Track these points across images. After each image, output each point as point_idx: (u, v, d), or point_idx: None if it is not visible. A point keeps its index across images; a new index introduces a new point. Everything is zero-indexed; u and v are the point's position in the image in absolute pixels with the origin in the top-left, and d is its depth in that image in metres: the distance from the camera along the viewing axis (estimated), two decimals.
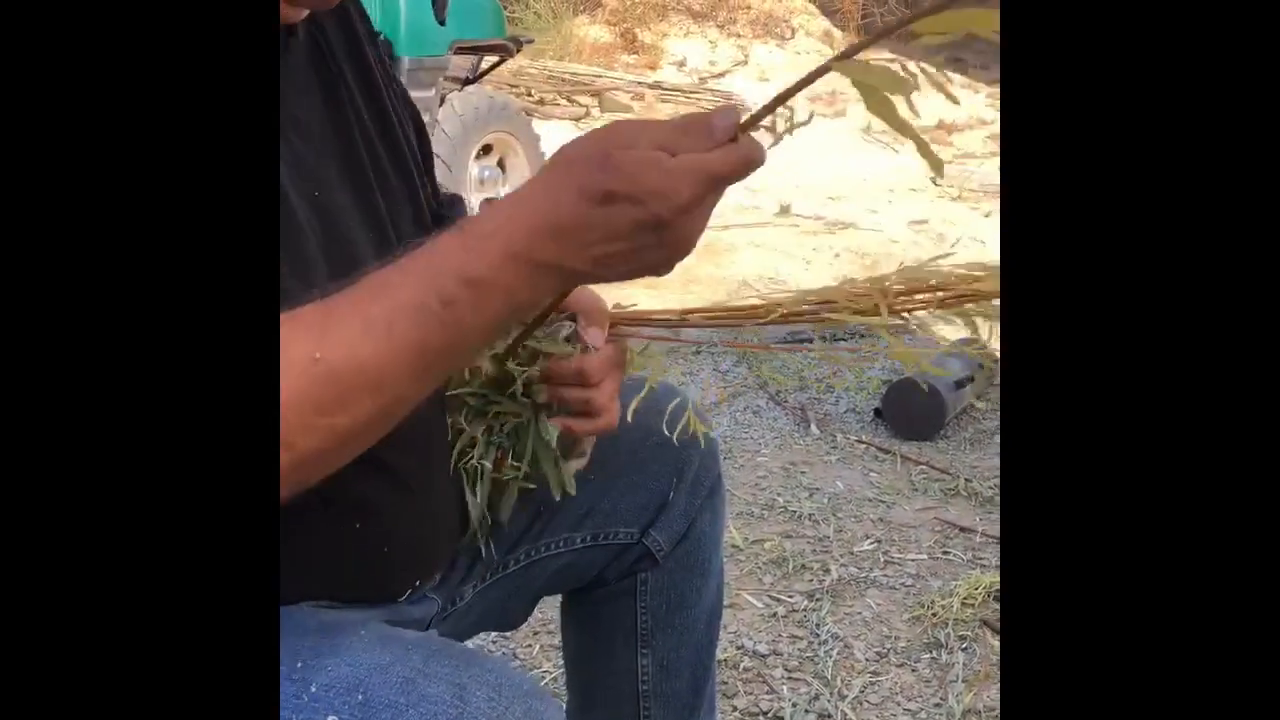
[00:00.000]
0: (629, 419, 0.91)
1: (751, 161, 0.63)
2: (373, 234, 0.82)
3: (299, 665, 0.69)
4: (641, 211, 0.61)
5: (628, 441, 1.02)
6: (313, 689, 0.67)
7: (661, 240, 0.62)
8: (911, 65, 0.62)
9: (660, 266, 0.65)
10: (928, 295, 0.85)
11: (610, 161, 0.61)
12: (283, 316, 0.59)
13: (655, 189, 0.60)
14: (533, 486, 0.94)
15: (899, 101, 0.62)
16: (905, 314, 0.86)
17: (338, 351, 0.59)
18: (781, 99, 0.66)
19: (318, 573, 0.79)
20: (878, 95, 0.62)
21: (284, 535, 0.60)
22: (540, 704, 0.68)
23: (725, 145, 0.62)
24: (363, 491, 0.80)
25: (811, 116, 0.71)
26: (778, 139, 0.67)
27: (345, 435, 0.62)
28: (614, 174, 0.60)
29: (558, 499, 0.94)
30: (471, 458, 0.91)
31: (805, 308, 0.87)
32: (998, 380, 2.55)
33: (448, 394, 0.89)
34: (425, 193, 0.95)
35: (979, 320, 0.85)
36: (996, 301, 0.84)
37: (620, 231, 0.61)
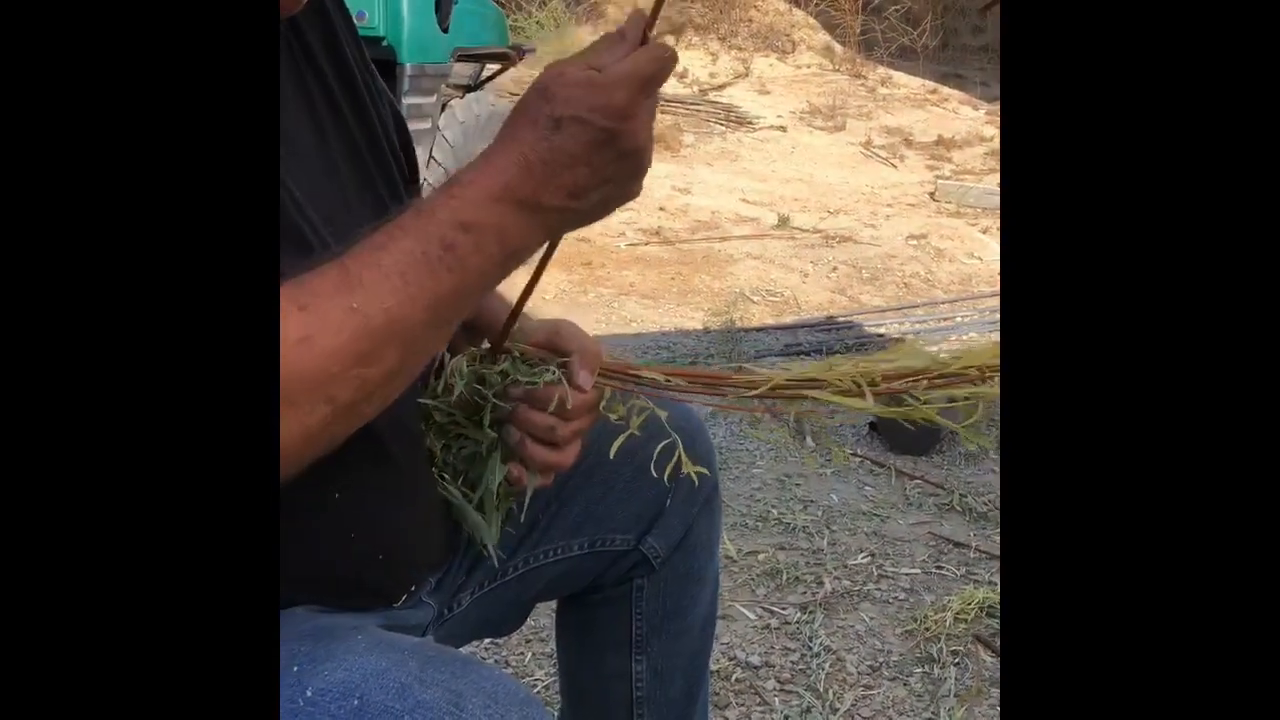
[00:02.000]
0: (611, 456, 0.91)
1: (664, 58, 0.68)
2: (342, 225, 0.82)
3: (295, 669, 0.68)
4: (589, 129, 0.66)
5: (625, 449, 1.02)
6: (308, 693, 0.67)
7: (618, 151, 0.67)
8: None
9: (627, 182, 0.69)
10: (916, 379, 0.86)
11: (548, 92, 0.67)
12: (306, 276, 0.62)
13: (593, 104, 0.66)
14: (478, 515, 0.93)
15: None
16: (891, 393, 0.87)
17: (370, 304, 0.63)
18: None
19: (314, 579, 0.79)
20: None
21: (280, 543, 0.60)
22: (536, 712, 0.68)
23: (639, 49, 0.68)
24: (358, 497, 0.80)
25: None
26: (679, 34, 0.72)
27: (374, 387, 0.65)
28: (554, 101, 0.66)
29: (485, 542, 0.94)
30: (434, 470, 0.92)
31: (790, 382, 0.89)
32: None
33: (418, 400, 0.89)
34: (409, 194, 0.94)
35: (974, 399, 0.86)
36: (987, 385, 0.85)
37: (578, 154, 0.66)
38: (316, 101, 0.84)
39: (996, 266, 5.54)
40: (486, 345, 0.91)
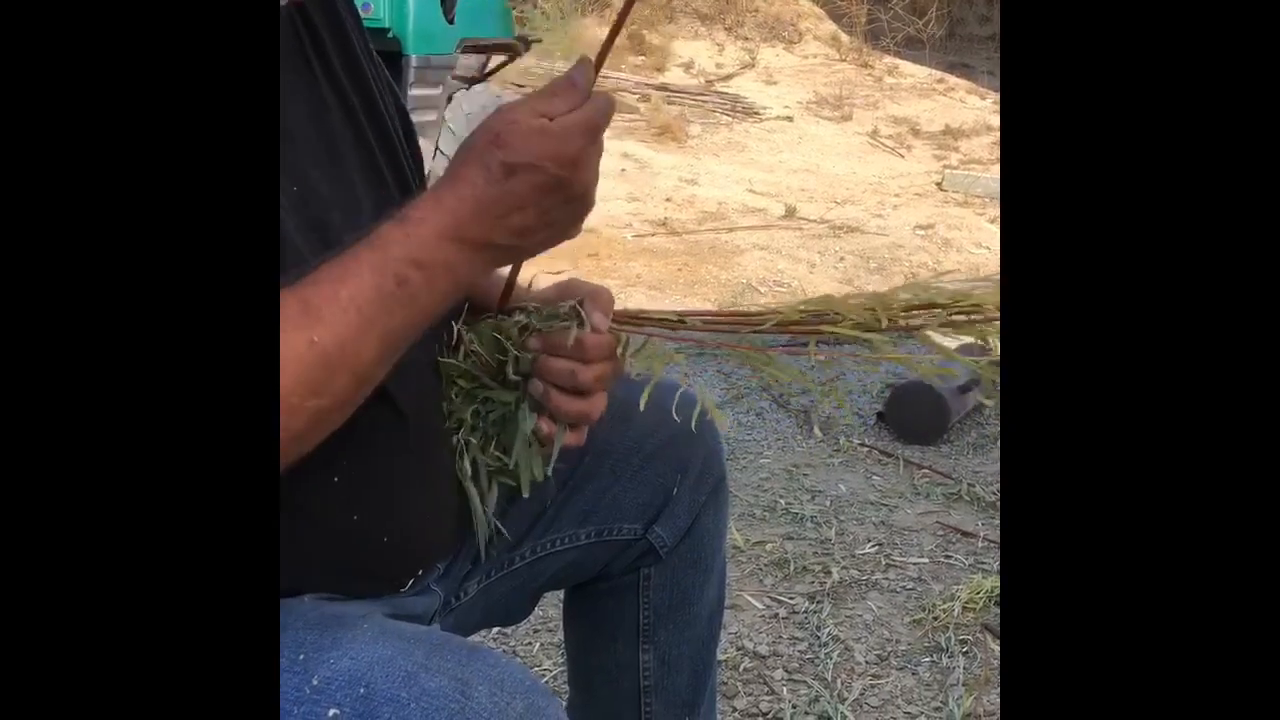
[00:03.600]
0: (641, 408, 0.91)
1: (609, 108, 0.73)
2: (352, 221, 0.82)
3: (301, 657, 0.69)
4: (540, 175, 0.69)
5: (632, 437, 1.02)
6: (314, 681, 0.67)
7: (565, 196, 0.70)
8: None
9: (569, 225, 0.73)
10: (931, 310, 0.86)
11: (501, 139, 0.69)
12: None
13: (546, 152, 0.69)
14: (512, 483, 0.93)
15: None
16: (906, 329, 0.87)
17: (328, 337, 0.65)
18: (611, 38, 0.78)
19: (319, 563, 0.80)
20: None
21: (285, 527, 0.61)
22: (542, 699, 0.69)
23: (589, 99, 0.71)
24: (370, 478, 0.81)
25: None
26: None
27: (323, 416, 0.67)
28: (507, 149, 0.69)
29: (525, 495, 0.93)
30: (456, 439, 0.91)
31: (804, 317, 0.88)
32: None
33: (441, 361, 0.89)
34: (417, 185, 0.95)
35: (985, 335, 0.85)
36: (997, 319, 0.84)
37: (527, 198, 0.69)
38: (325, 95, 0.84)
39: None
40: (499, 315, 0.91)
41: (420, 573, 0.90)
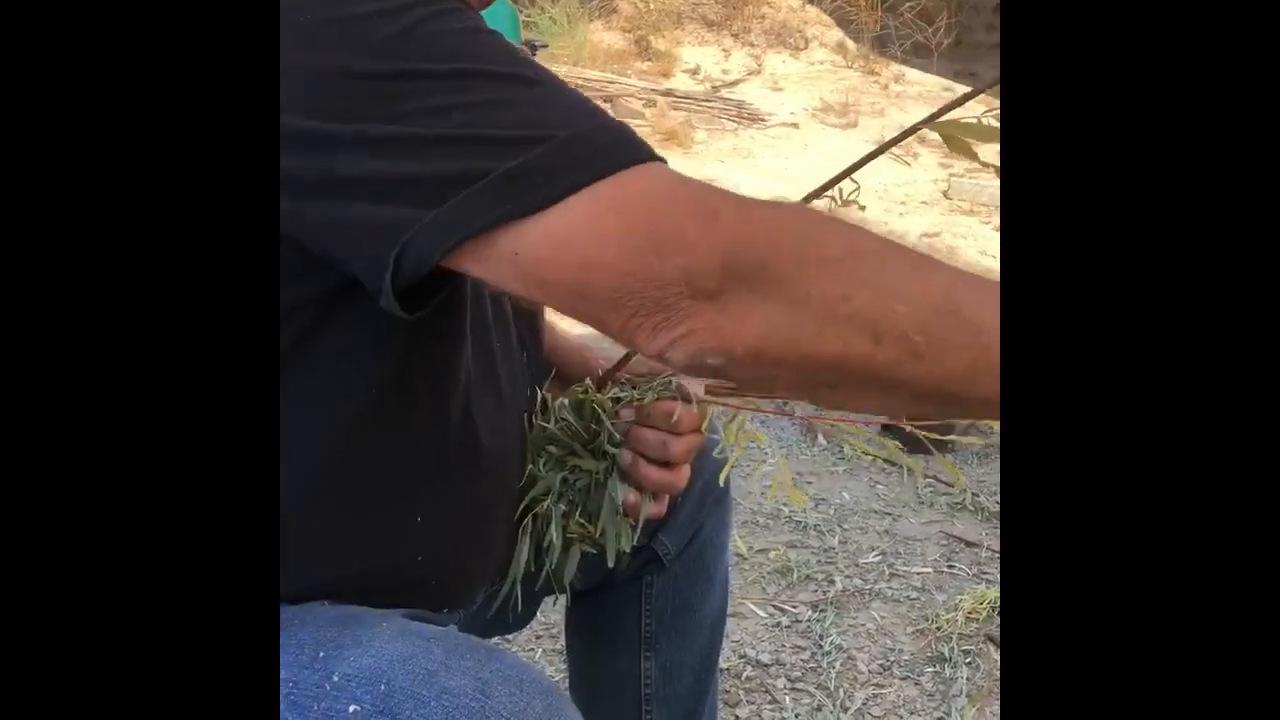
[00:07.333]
0: (720, 485, 0.93)
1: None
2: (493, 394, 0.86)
3: (320, 655, 0.69)
4: None
5: None
6: (335, 678, 0.67)
7: None
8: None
9: None
10: None
11: None
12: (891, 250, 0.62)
13: None
14: (594, 551, 0.94)
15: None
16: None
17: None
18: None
19: (363, 589, 0.79)
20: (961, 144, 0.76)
21: (358, 556, 0.67)
22: (560, 701, 0.69)
23: None
24: (437, 526, 0.81)
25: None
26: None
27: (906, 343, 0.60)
28: None
29: (610, 565, 0.94)
30: (544, 505, 0.91)
31: None
32: None
33: (537, 424, 0.90)
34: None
35: None
36: None
37: None
38: None
39: None
40: (588, 382, 0.92)
41: (445, 611, 0.90)
